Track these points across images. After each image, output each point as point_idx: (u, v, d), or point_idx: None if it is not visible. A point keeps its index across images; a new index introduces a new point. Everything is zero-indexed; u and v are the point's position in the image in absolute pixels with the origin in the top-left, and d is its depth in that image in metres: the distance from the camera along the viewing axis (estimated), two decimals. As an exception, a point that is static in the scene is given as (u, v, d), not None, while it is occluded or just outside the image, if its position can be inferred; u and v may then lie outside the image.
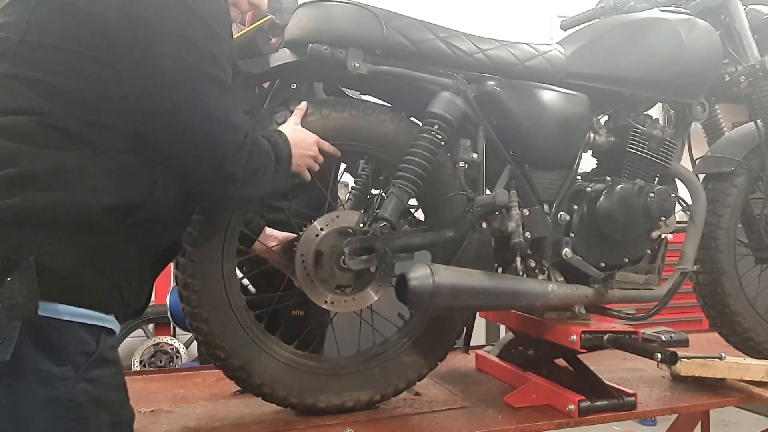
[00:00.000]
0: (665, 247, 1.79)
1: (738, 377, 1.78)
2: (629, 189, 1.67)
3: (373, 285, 1.55)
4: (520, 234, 1.51)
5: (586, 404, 1.58)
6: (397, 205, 1.47)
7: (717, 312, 1.97)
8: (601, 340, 1.60)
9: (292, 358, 1.53)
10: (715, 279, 1.93)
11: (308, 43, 1.45)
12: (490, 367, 1.96)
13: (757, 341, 1.97)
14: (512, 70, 1.62)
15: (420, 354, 1.62)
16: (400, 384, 1.61)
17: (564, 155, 1.71)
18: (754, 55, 1.90)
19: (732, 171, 1.93)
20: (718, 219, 1.92)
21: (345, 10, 1.47)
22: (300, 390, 1.51)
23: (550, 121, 1.65)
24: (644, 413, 1.72)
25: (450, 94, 1.53)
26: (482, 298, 1.51)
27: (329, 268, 1.50)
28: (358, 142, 1.54)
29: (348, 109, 1.52)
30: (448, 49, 1.54)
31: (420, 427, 1.53)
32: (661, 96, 1.84)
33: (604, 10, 1.93)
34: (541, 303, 1.60)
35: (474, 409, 1.63)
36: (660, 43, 1.75)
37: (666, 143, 1.80)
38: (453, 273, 1.47)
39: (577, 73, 1.70)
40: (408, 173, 1.47)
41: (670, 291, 1.79)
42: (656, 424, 3.73)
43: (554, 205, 1.68)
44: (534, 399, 1.66)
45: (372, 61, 1.47)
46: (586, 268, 1.67)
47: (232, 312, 1.45)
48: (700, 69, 1.80)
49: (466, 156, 1.55)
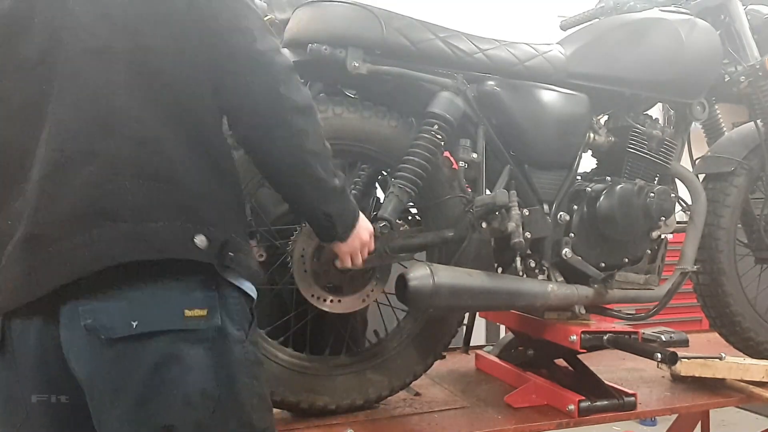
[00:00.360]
0: (665, 247, 1.79)
1: (738, 377, 1.78)
2: (629, 189, 1.67)
3: (362, 293, 1.54)
4: (520, 234, 1.51)
5: (586, 404, 1.58)
6: (397, 205, 1.47)
7: (717, 312, 1.97)
8: (601, 340, 1.61)
9: (291, 360, 1.53)
10: (715, 279, 1.93)
11: (308, 43, 1.45)
12: (490, 367, 1.96)
13: (757, 341, 1.97)
14: (512, 70, 1.62)
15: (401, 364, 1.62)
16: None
17: (564, 155, 1.71)
18: (754, 55, 1.90)
19: (732, 171, 1.93)
20: (718, 219, 1.91)
21: (345, 10, 1.47)
22: (298, 391, 1.51)
23: (550, 121, 1.65)
24: (644, 413, 1.72)
25: (450, 94, 1.53)
26: (482, 298, 1.51)
27: (326, 264, 1.50)
28: (362, 142, 1.54)
29: (360, 110, 1.52)
30: (448, 49, 1.54)
31: (420, 427, 1.53)
32: (661, 96, 1.84)
33: (603, 10, 1.93)
34: (541, 303, 1.60)
35: (474, 409, 1.63)
36: (660, 43, 1.75)
37: (666, 143, 1.80)
38: (453, 273, 1.47)
39: (577, 73, 1.70)
40: (407, 173, 1.47)
41: (670, 291, 1.79)
42: (656, 424, 3.73)
43: (554, 205, 1.68)
44: (534, 399, 1.66)
45: (372, 61, 1.47)
46: (586, 268, 1.67)
47: None
48: (700, 69, 1.80)
49: (466, 156, 1.55)
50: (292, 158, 1.12)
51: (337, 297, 1.53)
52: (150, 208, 0.99)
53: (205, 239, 1.01)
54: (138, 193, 0.98)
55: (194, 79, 1.05)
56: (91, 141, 0.98)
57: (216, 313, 1.03)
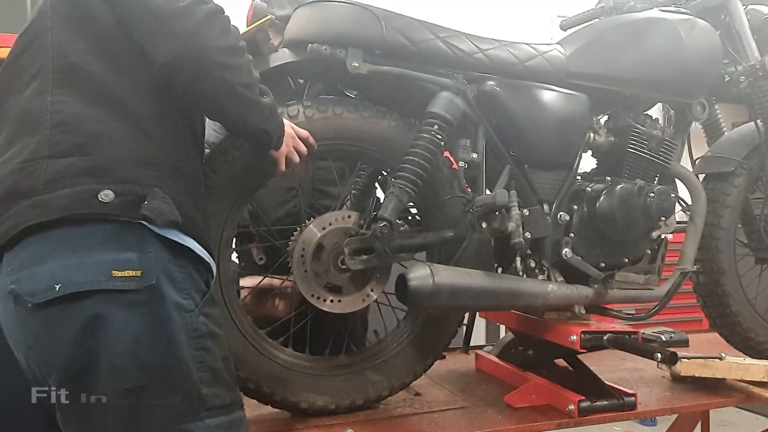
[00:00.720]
0: (665, 247, 1.79)
1: (738, 377, 1.78)
2: (629, 189, 1.67)
3: (362, 293, 1.54)
4: (520, 234, 1.51)
5: (586, 404, 1.58)
6: (397, 205, 1.47)
7: (717, 312, 1.97)
8: (601, 340, 1.60)
9: (289, 360, 1.53)
10: (715, 279, 1.93)
11: (308, 43, 1.45)
12: (490, 367, 1.96)
13: (757, 341, 1.97)
14: (512, 70, 1.62)
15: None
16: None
17: (564, 155, 1.71)
18: (754, 55, 1.90)
19: (732, 171, 1.93)
20: (718, 219, 1.91)
21: (345, 10, 1.47)
22: (298, 391, 1.51)
23: (550, 121, 1.65)
24: (644, 413, 1.72)
25: (450, 94, 1.53)
26: (482, 298, 1.51)
27: (326, 264, 1.50)
28: (362, 142, 1.54)
29: (361, 110, 1.52)
30: (447, 49, 1.54)
31: (420, 427, 1.53)
32: (661, 96, 1.84)
33: (603, 10, 1.93)
34: (541, 303, 1.60)
35: (474, 409, 1.63)
36: (660, 43, 1.75)
37: (666, 143, 1.80)
38: (453, 273, 1.47)
39: (577, 73, 1.70)
40: (408, 173, 1.47)
41: (670, 291, 1.79)
42: (656, 424, 3.73)
43: (554, 205, 1.68)
44: (534, 399, 1.66)
45: (372, 61, 1.47)
46: (586, 268, 1.67)
47: (228, 312, 1.45)
48: (700, 69, 1.80)
49: (466, 156, 1.55)
50: (231, 96, 1.20)
51: (337, 297, 1.53)
52: (60, 180, 1.04)
53: (112, 193, 1.03)
54: (51, 169, 1.04)
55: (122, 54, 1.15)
56: (21, 134, 1.08)
57: (151, 275, 1.02)
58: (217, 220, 1.42)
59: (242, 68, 1.20)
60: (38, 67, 1.12)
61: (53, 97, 1.09)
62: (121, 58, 1.14)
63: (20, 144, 1.08)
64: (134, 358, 1.00)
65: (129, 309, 1.00)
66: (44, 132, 1.07)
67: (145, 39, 1.14)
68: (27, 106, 1.10)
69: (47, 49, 1.12)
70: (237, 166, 1.43)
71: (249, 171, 1.45)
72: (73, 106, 1.09)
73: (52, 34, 1.13)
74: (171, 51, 1.12)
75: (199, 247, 1.11)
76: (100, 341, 0.99)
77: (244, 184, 1.46)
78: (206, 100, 1.21)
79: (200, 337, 1.07)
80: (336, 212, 1.55)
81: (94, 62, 1.12)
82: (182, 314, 1.05)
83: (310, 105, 1.49)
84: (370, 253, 1.49)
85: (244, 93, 1.21)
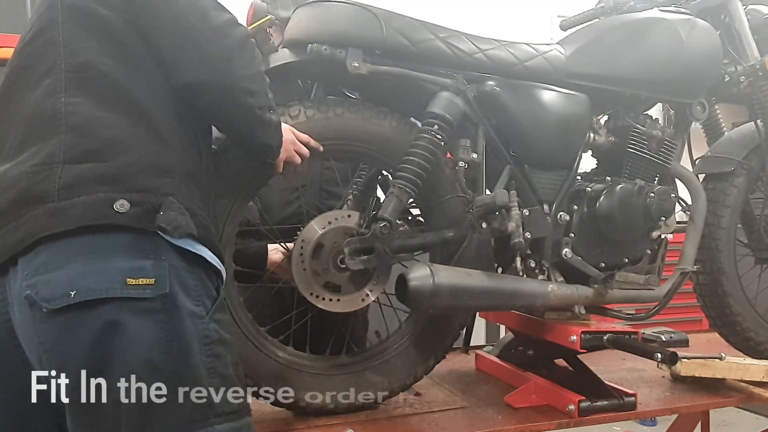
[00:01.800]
0: (665, 247, 1.79)
1: (738, 377, 1.78)
2: (629, 189, 1.67)
3: (361, 293, 1.54)
4: (520, 234, 1.51)
5: (586, 404, 1.58)
6: (397, 206, 1.47)
7: (717, 312, 1.97)
8: (601, 340, 1.60)
9: (290, 358, 1.53)
10: (715, 279, 1.93)
11: (308, 43, 1.45)
12: (490, 367, 1.96)
13: (757, 341, 1.97)
14: (512, 70, 1.62)
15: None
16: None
17: (564, 155, 1.71)
18: (754, 55, 1.90)
19: (732, 171, 1.93)
20: (718, 219, 1.91)
21: (345, 10, 1.47)
22: (298, 390, 1.51)
23: (550, 121, 1.65)
24: (644, 413, 1.72)
25: (450, 94, 1.53)
26: (482, 298, 1.51)
27: (325, 263, 1.50)
28: (362, 142, 1.54)
29: (361, 110, 1.52)
30: (447, 49, 1.54)
31: (420, 427, 1.53)
32: (661, 96, 1.84)
33: (603, 10, 1.93)
34: (541, 303, 1.60)
35: (474, 409, 1.63)
36: (660, 43, 1.75)
37: (666, 143, 1.80)
38: (453, 273, 1.47)
39: (577, 73, 1.70)
40: (408, 173, 1.47)
41: (670, 291, 1.79)
42: (656, 424, 3.73)
43: (554, 205, 1.68)
44: (534, 399, 1.67)
45: (372, 61, 1.47)
46: (586, 269, 1.67)
47: (228, 310, 1.45)
48: (700, 69, 1.80)
49: (466, 156, 1.55)
50: (248, 118, 1.25)
51: (336, 296, 1.53)
52: (75, 186, 1.04)
53: (127, 203, 1.04)
54: (66, 174, 1.04)
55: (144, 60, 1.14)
56: (34, 135, 1.08)
57: (165, 283, 1.03)
58: (218, 217, 1.42)
59: (262, 92, 1.25)
60: (50, 63, 1.11)
61: (66, 98, 1.08)
62: (136, 59, 1.14)
63: (34, 147, 1.07)
64: (148, 364, 1.01)
65: (143, 316, 1.01)
66: (59, 135, 1.06)
67: (171, 51, 1.14)
68: (40, 107, 1.09)
69: (58, 45, 1.11)
70: (238, 164, 1.43)
71: (250, 169, 1.45)
72: (88, 108, 1.08)
73: (63, 29, 1.11)
74: (200, 75, 1.15)
75: (211, 255, 1.12)
76: (114, 347, 0.99)
77: (245, 182, 1.46)
78: (224, 120, 1.26)
79: (211, 344, 1.08)
80: (337, 211, 1.55)
81: (107, 62, 1.11)
82: (194, 321, 1.06)
83: (311, 105, 1.50)
84: (370, 253, 1.49)
85: (260, 115, 1.26)
